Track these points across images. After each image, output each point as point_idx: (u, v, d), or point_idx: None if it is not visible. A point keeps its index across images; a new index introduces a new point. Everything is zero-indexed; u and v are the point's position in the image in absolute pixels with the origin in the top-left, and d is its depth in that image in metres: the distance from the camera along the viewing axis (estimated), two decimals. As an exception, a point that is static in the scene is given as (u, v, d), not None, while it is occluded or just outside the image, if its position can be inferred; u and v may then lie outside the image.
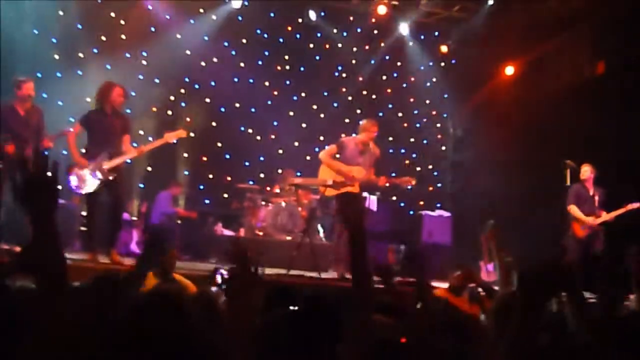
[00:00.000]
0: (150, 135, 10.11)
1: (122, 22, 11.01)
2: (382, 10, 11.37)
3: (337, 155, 7.86)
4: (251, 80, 12.08)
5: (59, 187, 1.92)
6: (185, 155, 11.56)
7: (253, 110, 12.11)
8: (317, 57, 12.54)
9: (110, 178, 7.01)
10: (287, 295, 4.17)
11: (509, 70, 11.81)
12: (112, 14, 10.91)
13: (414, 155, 12.97)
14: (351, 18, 12.44)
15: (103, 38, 10.83)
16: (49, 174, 1.85)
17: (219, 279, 5.05)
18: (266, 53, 12.25)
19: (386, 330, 3.06)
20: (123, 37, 10.96)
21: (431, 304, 3.47)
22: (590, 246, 8.64)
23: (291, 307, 3.16)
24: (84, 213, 7.74)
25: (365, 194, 8.55)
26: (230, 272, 3.03)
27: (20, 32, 9.64)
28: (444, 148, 13.18)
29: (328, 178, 7.83)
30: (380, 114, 11.55)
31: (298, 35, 12.41)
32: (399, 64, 12.95)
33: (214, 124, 11.78)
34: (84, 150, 7.13)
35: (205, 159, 11.76)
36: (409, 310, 3.04)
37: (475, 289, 6.01)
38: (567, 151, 9.16)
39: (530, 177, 10.54)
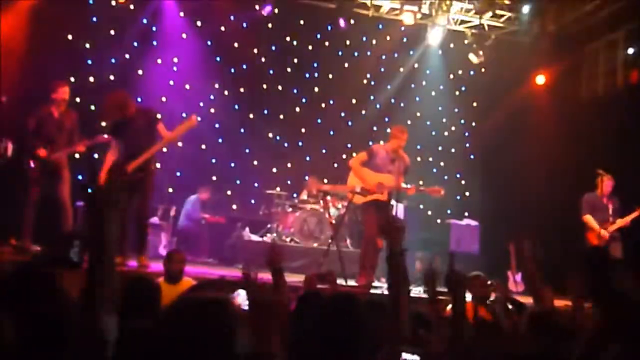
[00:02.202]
0: (180, 140, 10.17)
1: (154, 28, 11.15)
2: (408, 19, 11.23)
3: (367, 163, 7.85)
4: (280, 87, 12.13)
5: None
6: (214, 161, 11.63)
7: (281, 117, 12.16)
8: (346, 65, 12.56)
9: (135, 178, 6.98)
10: (317, 301, 4.18)
11: (540, 79, 11.72)
12: (144, 21, 11.06)
13: (442, 164, 12.91)
14: (380, 26, 12.44)
15: (135, 44, 10.96)
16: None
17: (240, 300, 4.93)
18: (295, 60, 12.29)
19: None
20: (154, 43, 11.08)
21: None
22: (609, 254, 8.52)
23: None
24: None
25: (393, 202, 8.51)
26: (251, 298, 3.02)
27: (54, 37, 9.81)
28: (472, 157, 13.10)
29: (356, 185, 7.82)
30: (409, 122, 11.51)
31: (327, 43, 12.44)
32: (428, 72, 12.92)
33: (242, 130, 11.84)
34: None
35: (233, 165, 11.81)
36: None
37: (504, 300, 5.95)
38: (599, 160, 9.06)
39: (562, 186, 10.44)
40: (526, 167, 11.39)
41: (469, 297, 6.10)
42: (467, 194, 12.86)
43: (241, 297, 3.28)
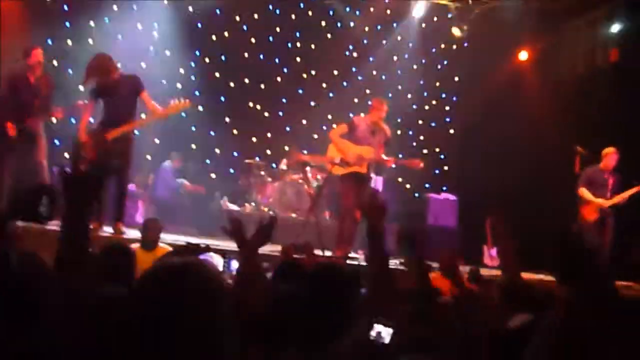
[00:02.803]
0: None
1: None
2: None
3: (347, 135, 7.85)
4: (261, 57, 12.03)
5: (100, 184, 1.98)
6: (193, 129, 11.54)
7: (262, 86, 12.07)
8: (329, 36, 12.47)
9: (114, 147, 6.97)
10: (295, 271, 4.19)
11: (523, 55, 11.74)
12: (125, -16, 10.86)
13: (421, 138, 12.93)
14: (364, -2, 12.37)
15: (115, 7, 10.76)
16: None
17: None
18: (277, 30, 12.17)
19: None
20: (135, 7, 10.89)
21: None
22: (601, 232, 8.52)
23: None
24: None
25: (372, 174, 8.53)
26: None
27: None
28: (452, 131, 13.12)
29: (336, 156, 7.82)
30: (390, 95, 11.47)
31: (310, 13, 12.32)
32: (410, 45, 12.86)
33: (222, 98, 11.75)
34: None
35: (213, 133, 11.73)
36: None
37: (476, 270, 6.04)
38: (578, 138, 9.13)
39: (540, 163, 10.52)
40: (507, 143, 11.42)
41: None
42: (445, 168, 12.91)
43: (214, 260, 3.28)
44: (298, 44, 12.40)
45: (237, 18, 11.82)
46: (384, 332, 2.52)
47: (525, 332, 2.58)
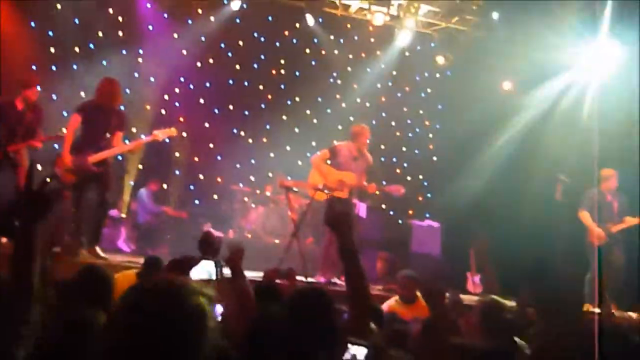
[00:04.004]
0: (143, 133, 10.09)
1: (120, 18, 11.00)
2: (378, 20, 11.34)
3: (329, 161, 7.88)
4: (246, 83, 12.09)
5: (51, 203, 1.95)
6: (177, 154, 11.53)
7: (246, 112, 12.11)
8: (313, 63, 12.57)
9: (96, 171, 6.97)
10: (274, 295, 4.18)
11: (507, 85, 11.86)
12: (110, 10, 10.90)
13: (405, 165, 12.99)
14: (349, 25, 12.47)
15: (100, 34, 10.80)
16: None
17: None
18: (262, 57, 12.25)
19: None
20: (120, 34, 10.94)
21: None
22: (610, 253, 8.12)
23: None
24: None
25: (355, 201, 8.55)
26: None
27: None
28: (435, 159, 13.20)
29: (319, 182, 7.84)
30: (373, 122, 11.55)
31: (295, 40, 12.42)
32: (394, 73, 12.97)
33: (207, 125, 11.76)
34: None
35: (197, 159, 11.73)
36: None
37: (457, 296, 6.03)
38: (564, 165, 9.14)
39: (526, 190, 10.53)
40: (490, 170, 11.51)
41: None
42: (428, 195, 12.96)
43: (208, 269, 3.27)
44: (282, 71, 12.48)
45: (222, 45, 11.89)
46: (358, 353, 2.53)
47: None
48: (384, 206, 11.97)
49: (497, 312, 3.52)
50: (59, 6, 10.38)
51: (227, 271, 4.70)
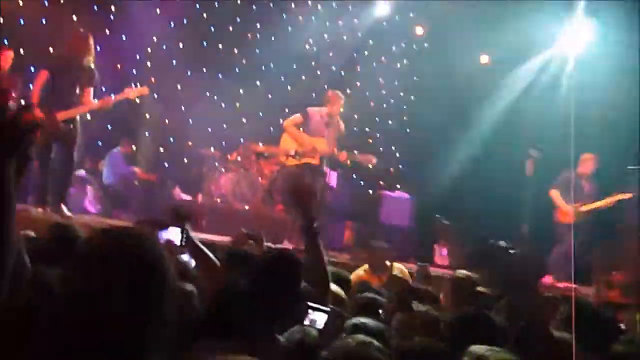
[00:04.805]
0: (112, 92, 9.86)
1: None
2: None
3: (301, 127, 7.81)
4: (220, 46, 11.88)
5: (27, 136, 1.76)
6: (147, 116, 11.33)
7: (220, 76, 11.92)
8: (289, 29, 12.38)
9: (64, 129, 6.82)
10: (244, 260, 4.14)
11: (484, 58, 11.84)
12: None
13: (377, 135, 12.93)
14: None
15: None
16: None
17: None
18: (237, 19, 12.04)
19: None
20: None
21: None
22: (580, 233, 8.13)
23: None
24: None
25: (326, 169, 8.50)
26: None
27: None
28: (408, 130, 13.16)
29: (290, 148, 7.77)
30: (348, 91, 11.45)
31: (271, 5, 12.22)
32: (371, 42, 12.86)
33: (179, 86, 11.56)
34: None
35: (167, 121, 11.54)
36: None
37: (425, 267, 6.08)
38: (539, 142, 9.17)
39: (497, 165, 10.57)
40: (465, 144, 11.52)
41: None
42: (400, 166, 12.94)
43: (172, 234, 3.19)
44: (258, 36, 12.28)
45: (197, 5, 11.64)
46: (318, 319, 2.55)
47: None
48: (354, 176, 11.94)
49: (469, 286, 3.59)
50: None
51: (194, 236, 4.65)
